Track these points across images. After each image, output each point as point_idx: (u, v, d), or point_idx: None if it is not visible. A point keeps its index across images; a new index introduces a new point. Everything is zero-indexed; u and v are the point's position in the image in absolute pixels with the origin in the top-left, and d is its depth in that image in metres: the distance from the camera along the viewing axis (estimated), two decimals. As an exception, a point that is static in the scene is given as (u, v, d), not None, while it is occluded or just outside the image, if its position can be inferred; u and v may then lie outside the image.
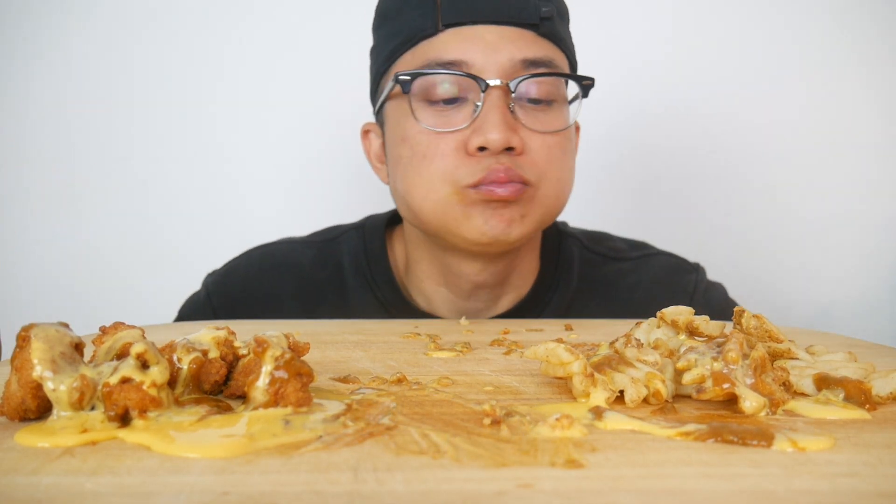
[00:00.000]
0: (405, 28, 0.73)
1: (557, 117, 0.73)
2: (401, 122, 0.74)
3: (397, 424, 0.36)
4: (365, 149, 0.84)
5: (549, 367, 0.43)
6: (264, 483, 0.29)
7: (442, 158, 0.71)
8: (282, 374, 0.38)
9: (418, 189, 0.72)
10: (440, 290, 0.82)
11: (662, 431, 0.35)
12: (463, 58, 0.70)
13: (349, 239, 0.87)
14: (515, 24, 0.71)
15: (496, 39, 0.70)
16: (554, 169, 0.73)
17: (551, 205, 0.74)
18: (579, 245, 0.87)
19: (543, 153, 0.72)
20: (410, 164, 0.72)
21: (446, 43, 0.70)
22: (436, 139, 0.71)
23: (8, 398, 0.37)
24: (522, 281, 0.83)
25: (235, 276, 0.87)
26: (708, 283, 0.87)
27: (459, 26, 0.70)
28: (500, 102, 0.69)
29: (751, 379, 0.39)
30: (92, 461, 0.31)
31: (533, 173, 0.71)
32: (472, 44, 0.70)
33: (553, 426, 0.35)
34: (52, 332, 0.37)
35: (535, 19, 0.71)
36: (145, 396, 0.36)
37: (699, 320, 0.49)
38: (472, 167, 0.70)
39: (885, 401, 0.41)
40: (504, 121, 0.69)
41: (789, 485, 0.29)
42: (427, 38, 0.71)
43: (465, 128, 0.70)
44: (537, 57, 0.71)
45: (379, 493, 0.28)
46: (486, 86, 0.69)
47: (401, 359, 0.54)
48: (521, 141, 0.70)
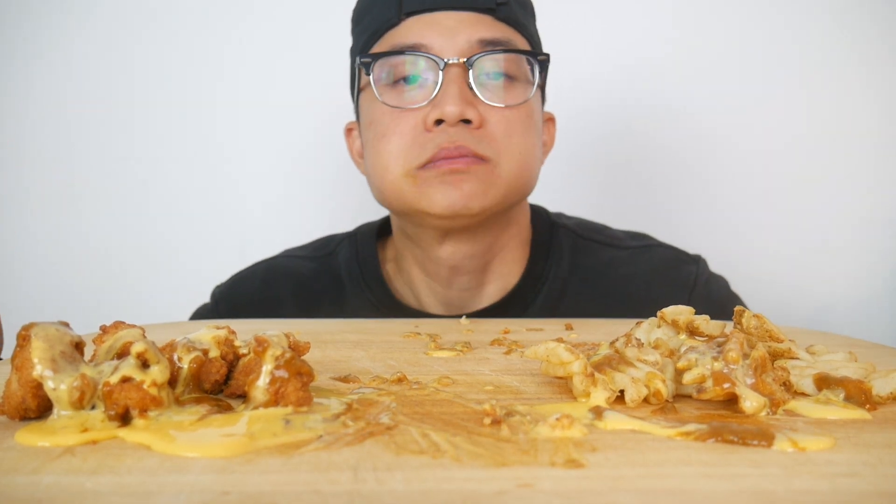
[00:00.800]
0: (372, 21, 0.77)
1: (516, 92, 0.75)
2: (369, 108, 0.77)
3: (397, 424, 0.36)
4: (348, 146, 0.88)
5: (550, 367, 0.43)
6: (264, 482, 0.29)
7: (400, 137, 0.73)
8: (282, 374, 0.38)
9: (378, 168, 0.76)
10: (425, 281, 0.83)
11: (662, 431, 0.35)
12: (423, 41, 0.73)
13: (343, 248, 0.91)
14: (472, 8, 0.74)
15: (454, 24, 0.73)
16: (514, 143, 0.74)
17: (514, 179, 0.75)
18: (571, 234, 0.87)
19: (502, 126, 0.73)
20: (373, 144, 0.76)
21: (408, 29, 0.74)
22: (397, 117, 0.74)
23: (8, 397, 0.37)
24: (508, 270, 0.83)
25: (240, 288, 0.91)
26: (709, 274, 0.86)
27: (420, 14, 0.74)
28: (458, 79, 0.72)
29: (751, 379, 0.39)
30: (92, 460, 0.31)
31: (490, 149, 0.73)
32: (432, 28, 0.73)
33: (553, 426, 0.35)
34: (53, 331, 0.37)
35: (491, 4, 0.74)
36: (146, 396, 0.36)
37: (699, 320, 0.49)
38: (424, 145, 0.72)
39: (885, 401, 0.41)
40: (461, 94, 0.71)
41: (789, 485, 0.29)
42: (391, 27, 0.75)
43: (425, 105, 0.73)
44: (494, 37, 0.74)
45: (379, 493, 0.28)
46: (445, 64, 0.72)
47: (401, 358, 0.54)
48: (479, 114, 0.72)
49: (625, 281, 0.83)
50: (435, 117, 0.72)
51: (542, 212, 0.89)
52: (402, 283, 0.86)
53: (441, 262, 0.80)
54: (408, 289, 0.85)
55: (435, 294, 0.83)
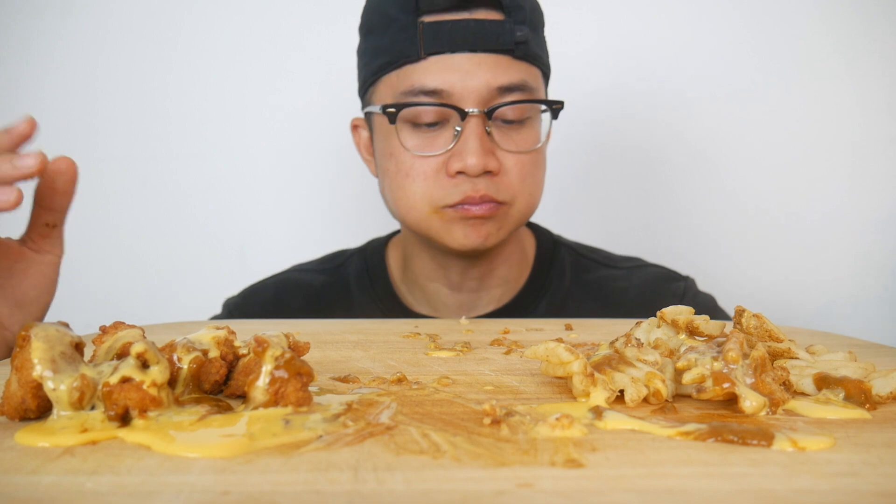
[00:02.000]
0: (391, 49, 0.78)
1: (530, 135, 0.80)
2: (388, 137, 0.80)
3: (397, 424, 0.36)
4: (355, 141, 0.90)
5: (549, 367, 0.43)
6: (264, 483, 0.29)
7: (424, 180, 0.78)
8: (282, 374, 0.38)
9: (402, 203, 0.80)
10: (434, 285, 0.88)
11: (662, 431, 0.35)
12: (443, 87, 0.76)
13: (354, 262, 0.95)
14: (492, 51, 0.76)
15: (473, 67, 0.76)
16: (527, 186, 0.80)
17: (523, 216, 0.82)
18: (573, 252, 0.93)
19: (517, 171, 0.78)
20: (395, 180, 0.80)
21: (428, 70, 0.76)
22: (419, 160, 0.78)
23: (8, 398, 0.37)
24: (513, 275, 0.89)
25: (253, 300, 0.95)
26: (697, 291, 0.92)
27: (440, 55, 0.76)
28: (479, 129, 0.76)
29: (751, 378, 0.39)
30: (92, 461, 0.31)
31: (507, 194, 0.78)
32: (452, 72, 0.76)
33: (553, 426, 0.35)
34: (53, 331, 0.37)
35: (510, 45, 0.76)
36: (145, 396, 0.36)
37: (699, 320, 0.49)
38: (450, 189, 0.77)
39: (885, 400, 0.41)
40: (481, 147, 0.75)
41: (789, 484, 0.29)
42: (411, 63, 0.77)
43: (446, 152, 0.77)
44: (511, 82, 0.77)
45: (379, 493, 0.28)
46: (465, 114, 0.75)
47: (401, 358, 0.54)
48: (498, 162, 0.77)
49: (620, 293, 0.90)
50: (457, 168, 0.76)
51: (544, 231, 0.95)
52: (410, 286, 0.90)
53: (453, 269, 0.86)
54: (416, 295, 0.90)
55: (445, 296, 0.88)
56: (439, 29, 0.75)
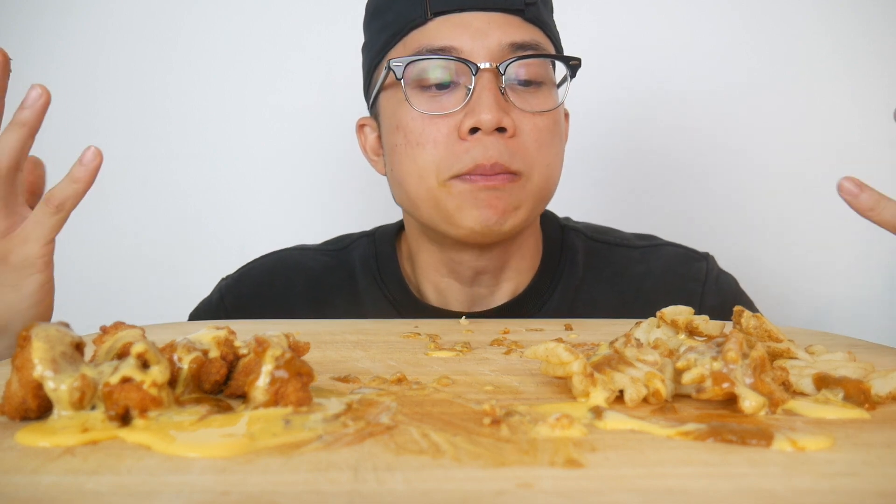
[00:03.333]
0: (396, 19, 0.75)
1: (547, 99, 0.75)
2: (395, 110, 0.75)
3: (397, 424, 0.36)
4: (360, 143, 0.86)
5: (549, 367, 0.43)
6: (264, 483, 0.29)
7: (434, 146, 0.73)
8: (282, 374, 0.38)
9: (412, 176, 0.75)
10: (444, 280, 0.83)
11: (662, 431, 0.35)
12: (453, 44, 0.72)
13: (360, 245, 0.90)
14: (501, 9, 0.73)
15: (484, 25, 0.72)
16: (543, 154, 0.74)
17: (542, 192, 0.76)
18: (583, 237, 0.88)
19: (534, 136, 0.73)
20: (405, 151, 0.74)
21: (436, 30, 0.73)
22: (429, 124, 0.73)
23: (9, 398, 0.37)
24: (525, 265, 0.84)
25: (248, 280, 0.89)
26: (719, 270, 0.88)
27: (448, 14, 0.73)
28: (492, 84, 0.71)
29: (750, 378, 0.39)
30: (92, 461, 0.31)
31: (522, 162, 0.73)
32: (462, 30, 0.72)
33: (553, 426, 0.35)
34: (53, 331, 0.37)
35: (520, 4, 0.73)
36: (146, 396, 0.36)
37: (699, 320, 0.49)
38: (460, 155, 0.72)
39: (884, 400, 0.41)
40: (496, 101, 0.71)
41: (789, 484, 0.29)
42: (417, 27, 0.74)
43: (458, 111, 0.72)
44: (524, 40, 0.73)
45: (379, 493, 0.28)
46: (477, 69, 0.71)
47: (401, 358, 0.54)
48: (513, 122, 0.72)
49: (640, 278, 0.85)
50: (470, 125, 0.71)
51: (550, 215, 0.90)
52: (422, 279, 0.85)
53: (464, 264, 0.81)
54: (428, 283, 0.85)
55: (457, 291, 0.84)
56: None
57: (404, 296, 0.85)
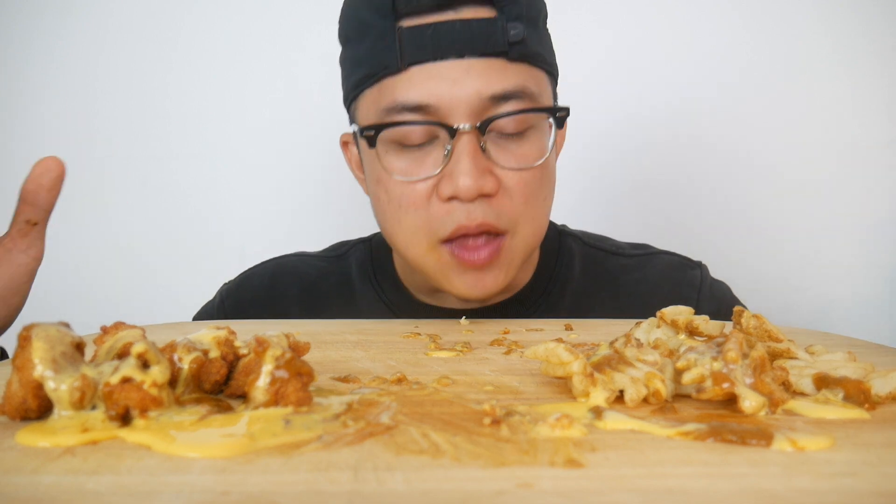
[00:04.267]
0: (368, 60, 0.70)
1: (533, 147, 0.70)
2: (375, 164, 0.72)
3: (397, 424, 0.36)
4: (346, 159, 0.83)
5: (549, 367, 0.43)
6: (264, 483, 0.29)
7: (416, 209, 0.70)
8: (282, 374, 0.38)
9: (399, 238, 0.73)
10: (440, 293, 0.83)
11: (662, 431, 0.35)
12: (428, 101, 0.66)
13: (357, 251, 0.90)
14: (481, 54, 0.66)
15: (462, 76, 0.66)
16: (530, 208, 0.71)
17: (529, 247, 0.74)
18: (580, 242, 0.89)
19: (520, 190, 0.69)
20: (388, 210, 0.72)
21: (410, 81, 0.67)
22: (409, 187, 0.69)
23: (9, 398, 0.37)
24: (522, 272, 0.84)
25: (248, 284, 0.91)
26: (713, 279, 0.89)
27: (422, 63, 0.67)
28: (470, 146, 0.66)
29: (750, 378, 0.39)
30: (92, 461, 0.31)
31: (508, 220, 0.69)
32: (437, 83, 0.66)
33: (553, 426, 0.35)
34: (53, 331, 0.37)
35: (503, 46, 0.67)
36: (146, 396, 0.36)
37: (699, 320, 0.49)
38: (443, 217, 0.69)
39: (884, 400, 0.41)
40: (475, 166, 0.66)
41: (789, 484, 0.29)
42: (390, 75, 0.68)
43: (436, 175, 0.68)
44: (506, 90, 0.67)
45: (379, 493, 0.28)
46: (455, 131, 0.66)
47: (401, 359, 0.54)
48: (496, 182, 0.68)
49: (635, 285, 0.85)
50: (449, 193, 0.67)
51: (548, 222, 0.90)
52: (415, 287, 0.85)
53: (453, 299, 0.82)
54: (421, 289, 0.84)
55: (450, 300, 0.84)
56: (420, 34, 0.66)
57: (399, 297, 0.85)
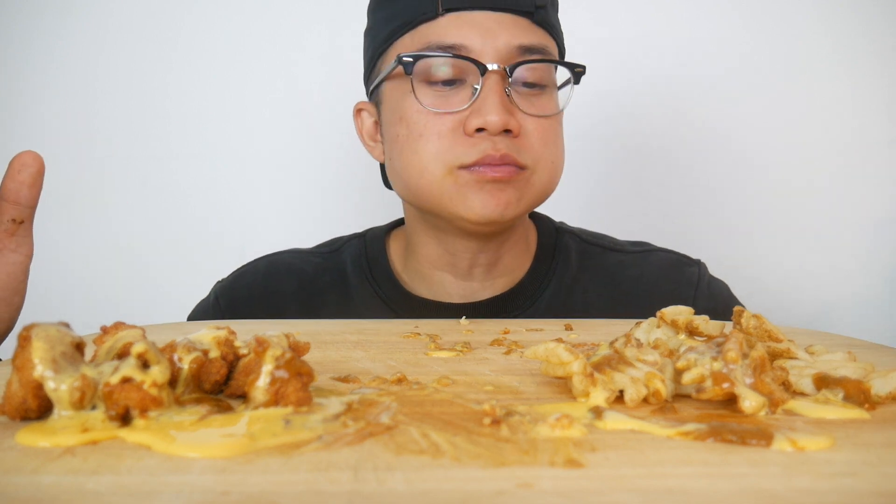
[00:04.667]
0: (405, 10, 0.75)
1: (549, 102, 0.77)
2: (400, 101, 0.76)
3: (397, 424, 0.36)
4: (357, 127, 0.86)
5: (549, 367, 0.43)
6: (264, 483, 0.29)
7: (438, 138, 0.74)
8: (282, 374, 0.38)
9: (414, 167, 0.75)
10: (439, 274, 0.85)
11: (662, 431, 0.35)
12: (462, 42, 0.73)
13: (351, 246, 0.91)
14: (512, 10, 0.74)
15: (494, 25, 0.73)
16: (548, 152, 0.76)
17: (544, 187, 0.78)
18: (577, 239, 0.90)
19: (538, 136, 0.75)
20: (407, 142, 0.75)
21: (446, 27, 0.73)
22: (433, 119, 0.74)
23: (9, 398, 0.37)
24: (516, 263, 0.86)
25: (242, 282, 0.91)
26: (710, 276, 0.89)
27: (458, 11, 0.73)
28: (499, 86, 0.72)
29: (750, 378, 0.39)
30: (92, 461, 0.31)
31: (529, 157, 0.74)
32: (471, 29, 0.73)
33: (553, 426, 0.35)
34: (53, 331, 0.37)
35: (530, 7, 0.74)
36: (146, 396, 0.36)
37: (699, 320, 0.49)
38: (468, 148, 0.73)
39: (884, 400, 0.41)
40: (502, 103, 0.72)
41: (789, 484, 0.29)
42: (427, 21, 0.74)
43: (464, 109, 0.73)
44: (532, 44, 0.74)
45: (379, 493, 0.28)
46: (485, 70, 0.72)
47: (401, 359, 0.54)
48: (518, 123, 0.73)
49: (632, 281, 0.86)
50: (477, 125, 0.72)
51: (545, 218, 0.92)
52: (413, 273, 0.86)
53: (462, 255, 0.82)
54: (420, 278, 0.86)
55: (450, 285, 0.85)
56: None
57: (395, 292, 0.86)
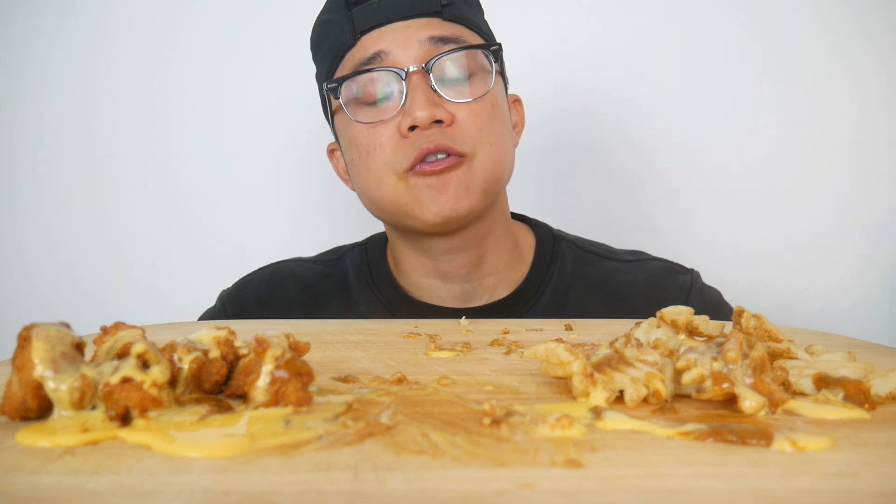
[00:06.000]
0: (331, 46, 0.81)
1: (478, 87, 0.79)
2: (346, 128, 0.81)
3: (397, 424, 0.36)
4: (334, 167, 0.91)
5: (549, 367, 0.43)
6: (264, 483, 0.29)
7: (381, 150, 0.78)
8: (282, 374, 0.38)
9: (371, 182, 0.80)
10: (427, 280, 0.87)
11: (662, 431, 0.35)
12: (380, 48, 0.78)
13: (353, 254, 0.94)
14: (420, 14, 0.78)
15: (406, 30, 0.78)
16: (486, 134, 0.78)
17: (491, 171, 0.79)
18: (573, 247, 0.92)
19: (472, 120, 0.77)
20: (360, 161, 0.80)
21: (363, 47, 0.79)
22: (373, 133, 0.78)
23: (9, 398, 0.37)
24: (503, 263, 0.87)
25: (248, 289, 0.94)
26: (703, 284, 0.91)
27: (372, 30, 0.79)
28: (422, 83, 0.76)
29: (750, 378, 0.39)
30: (92, 461, 0.31)
31: (466, 144, 0.77)
32: (386, 39, 0.78)
33: (553, 426, 0.35)
34: (53, 331, 0.37)
35: (436, 7, 0.79)
36: (146, 396, 0.36)
37: (699, 320, 0.49)
38: (406, 149, 0.76)
39: (884, 400, 0.41)
40: (427, 98, 0.75)
41: (789, 484, 0.29)
42: (349, 49, 0.80)
43: (396, 115, 0.77)
44: (444, 35, 0.78)
45: (379, 493, 0.28)
46: (406, 73, 0.76)
47: (401, 359, 0.54)
48: (448, 113, 0.76)
49: (625, 288, 0.88)
50: (408, 124, 0.75)
51: (544, 226, 0.94)
52: (407, 282, 0.89)
53: (442, 258, 0.84)
54: (414, 286, 0.89)
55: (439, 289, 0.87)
56: (367, 9, 0.78)
57: (396, 296, 0.88)
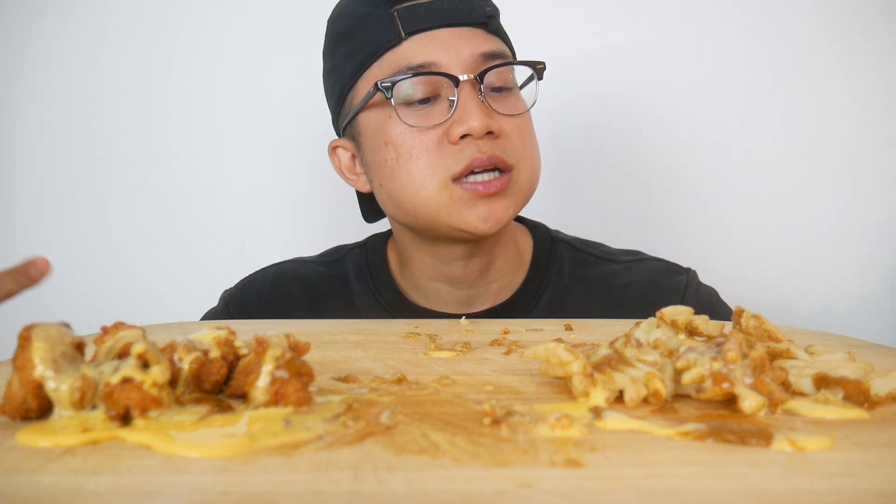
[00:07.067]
0: (368, 42, 0.80)
1: (518, 102, 0.81)
2: (382, 127, 0.80)
3: (397, 424, 0.36)
4: (335, 165, 0.89)
5: (549, 367, 0.43)
6: (264, 483, 0.29)
7: (427, 154, 0.77)
8: (282, 374, 0.38)
9: (410, 186, 0.78)
10: (434, 284, 0.87)
11: (662, 431, 0.35)
12: (431, 60, 0.77)
13: (354, 255, 0.94)
14: (467, 24, 0.79)
15: (455, 40, 0.78)
16: (528, 149, 0.80)
17: (529, 185, 0.81)
18: (571, 248, 0.92)
19: (517, 133, 0.79)
20: (397, 164, 0.78)
21: (412, 49, 0.78)
22: (418, 136, 0.77)
23: (9, 398, 0.37)
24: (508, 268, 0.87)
25: (250, 289, 0.94)
26: (700, 284, 0.91)
27: (420, 33, 0.78)
28: (473, 94, 0.77)
29: (750, 378, 0.39)
30: (93, 461, 0.31)
31: (513, 156, 0.78)
32: (436, 46, 0.77)
33: (553, 426, 0.35)
34: (54, 331, 0.37)
35: (483, 18, 0.79)
36: (146, 396, 0.36)
37: (699, 320, 0.49)
38: (456, 155, 0.76)
39: (883, 400, 0.41)
40: (481, 108, 0.76)
41: (788, 484, 0.29)
42: (392, 48, 0.78)
43: (446, 121, 0.77)
44: (492, 50, 0.79)
45: (379, 493, 0.28)
46: (458, 81, 0.76)
47: (401, 359, 0.54)
48: (498, 125, 0.77)
49: (622, 289, 0.88)
50: (462, 132, 0.75)
51: (541, 227, 0.94)
52: (409, 284, 0.89)
53: (455, 263, 0.84)
54: (416, 289, 0.88)
55: (445, 294, 0.87)
56: (415, 10, 0.78)
57: (396, 300, 0.88)
